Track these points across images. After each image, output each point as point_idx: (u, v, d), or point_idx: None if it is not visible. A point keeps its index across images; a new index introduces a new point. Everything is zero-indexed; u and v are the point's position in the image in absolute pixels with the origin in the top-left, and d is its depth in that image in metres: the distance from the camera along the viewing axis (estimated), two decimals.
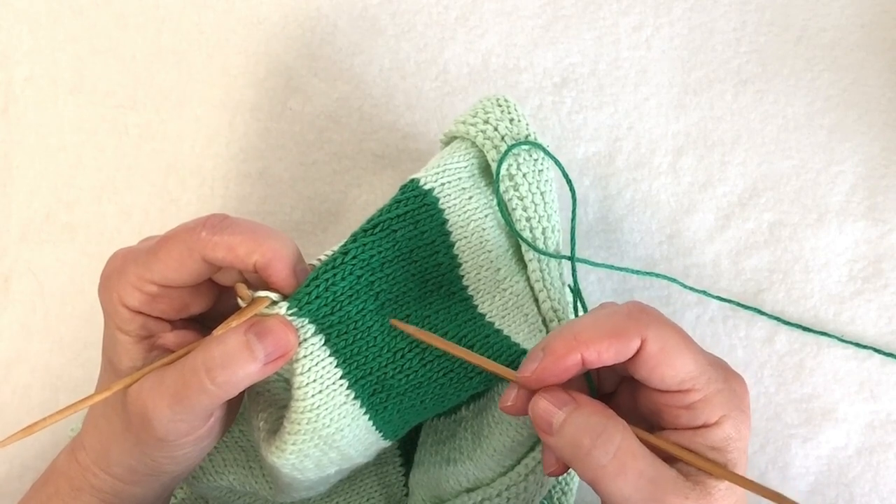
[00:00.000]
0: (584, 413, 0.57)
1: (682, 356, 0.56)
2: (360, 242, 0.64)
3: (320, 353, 0.62)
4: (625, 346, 0.56)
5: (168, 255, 0.60)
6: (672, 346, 0.56)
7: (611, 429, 0.56)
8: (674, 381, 0.56)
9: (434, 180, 0.70)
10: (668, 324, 0.58)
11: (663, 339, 0.56)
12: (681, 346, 0.56)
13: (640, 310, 0.58)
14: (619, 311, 0.58)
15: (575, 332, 0.57)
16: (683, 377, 0.56)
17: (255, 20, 0.95)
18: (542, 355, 0.58)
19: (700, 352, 0.58)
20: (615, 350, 0.57)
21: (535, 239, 0.73)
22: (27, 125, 0.95)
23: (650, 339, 0.56)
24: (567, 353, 0.57)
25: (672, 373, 0.56)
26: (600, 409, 0.58)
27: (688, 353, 0.56)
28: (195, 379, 0.58)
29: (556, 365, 0.58)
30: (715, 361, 0.59)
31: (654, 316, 0.58)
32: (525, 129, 0.74)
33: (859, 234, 0.87)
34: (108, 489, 0.67)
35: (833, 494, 0.85)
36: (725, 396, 0.56)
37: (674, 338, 0.57)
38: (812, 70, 0.91)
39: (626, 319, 0.57)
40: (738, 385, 0.58)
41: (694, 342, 0.58)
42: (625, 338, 0.56)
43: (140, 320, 0.62)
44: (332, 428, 0.64)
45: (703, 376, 0.56)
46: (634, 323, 0.56)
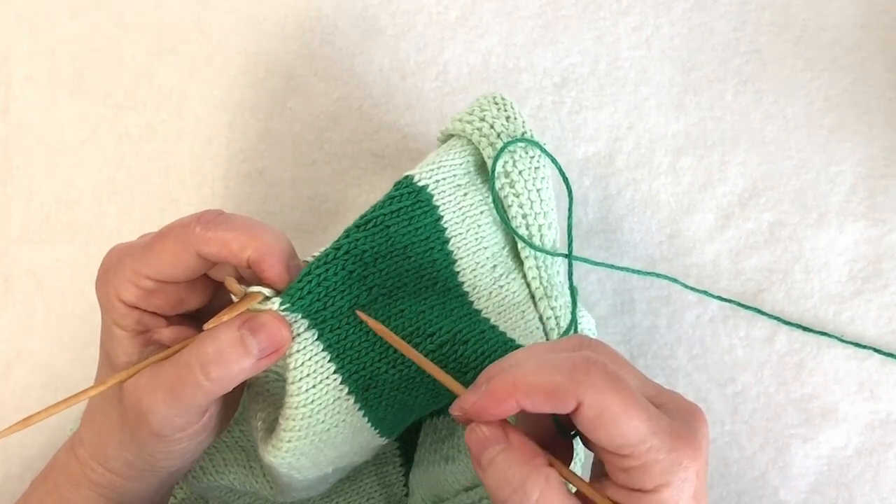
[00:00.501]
0: (510, 460, 0.56)
1: (620, 425, 0.53)
2: (353, 238, 0.64)
3: (314, 347, 0.63)
4: (559, 405, 0.54)
5: (163, 250, 0.60)
6: (610, 414, 0.53)
7: (529, 483, 0.55)
8: (610, 446, 0.54)
9: (429, 177, 0.70)
10: (612, 387, 0.54)
11: (601, 407, 0.53)
12: (620, 414, 0.53)
13: (585, 368, 0.54)
14: (563, 366, 0.55)
15: (515, 378, 0.55)
16: (620, 443, 0.54)
17: (255, 20, 0.95)
18: (482, 391, 0.57)
19: (647, 417, 0.54)
20: (550, 406, 0.55)
21: (532, 236, 0.73)
22: (27, 125, 0.95)
23: (586, 405, 0.53)
24: (504, 399, 0.55)
25: (607, 438, 0.54)
26: (527, 458, 0.56)
27: (627, 421, 0.53)
28: (189, 374, 0.58)
29: (493, 406, 0.56)
30: (663, 429, 0.55)
31: (598, 377, 0.54)
32: (521, 127, 0.74)
33: (859, 234, 0.87)
34: (106, 484, 0.68)
35: (833, 494, 0.85)
36: (666, 466, 0.54)
37: (614, 405, 0.53)
38: (812, 70, 0.91)
39: (566, 378, 0.54)
40: (687, 452, 0.55)
41: (641, 405, 0.54)
42: (560, 399, 0.54)
43: (136, 315, 0.63)
44: (326, 424, 0.64)
45: (643, 445, 0.53)
46: (574, 385, 0.54)
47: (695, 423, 0.57)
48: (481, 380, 0.58)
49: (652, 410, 0.55)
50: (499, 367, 0.58)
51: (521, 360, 0.57)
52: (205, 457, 0.79)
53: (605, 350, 0.59)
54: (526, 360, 0.57)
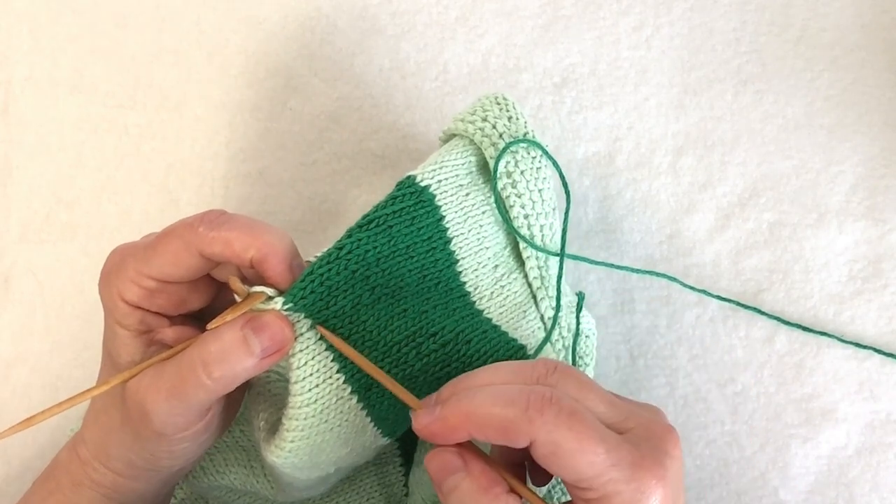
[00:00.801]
0: (468, 490, 0.56)
1: (576, 461, 0.53)
2: (355, 238, 0.64)
3: (316, 347, 0.63)
4: (512, 441, 0.54)
5: (166, 250, 0.60)
6: (563, 451, 0.53)
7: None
8: (569, 480, 0.54)
9: (431, 177, 0.70)
10: (565, 423, 0.54)
11: (554, 444, 0.53)
12: (574, 450, 0.53)
13: (539, 406, 0.54)
14: (517, 400, 0.55)
15: (469, 409, 0.56)
16: (577, 478, 0.54)
17: (255, 20, 0.95)
18: (435, 416, 0.57)
19: (604, 450, 0.54)
20: (503, 441, 0.55)
21: (533, 236, 0.73)
22: (27, 125, 0.95)
23: (539, 443, 0.54)
24: (456, 428, 0.56)
25: (564, 473, 0.54)
26: (486, 486, 0.56)
27: (582, 456, 0.53)
28: (192, 374, 0.58)
29: (446, 434, 0.57)
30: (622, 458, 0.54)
31: (552, 414, 0.54)
32: (523, 128, 0.74)
33: (859, 234, 0.87)
34: (108, 483, 0.68)
35: (833, 494, 0.85)
36: (627, 496, 0.53)
37: (567, 442, 0.53)
38: (812, 70, 0.91)
39: (520, 415, 0.54)
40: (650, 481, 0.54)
41: (597, 438, 0.54)
42: (513, 435, 0.54)
43: (139, 315, 0.63)
44: (329, 423, 0.64)
45: (601, 478, 0.53)
46: (527, 423, 0.53)
47: (662, 447, 0.56)
48: (435, 398, 0.58)
49: (611, 442, 0.54)
50: (455, 388, 0.58)
51: (480, 387, 0.57)
52: (205, 457, 0.79)
53: (571, 376, 0.59)
54: (484, 388, 0.57)
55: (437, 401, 0.58)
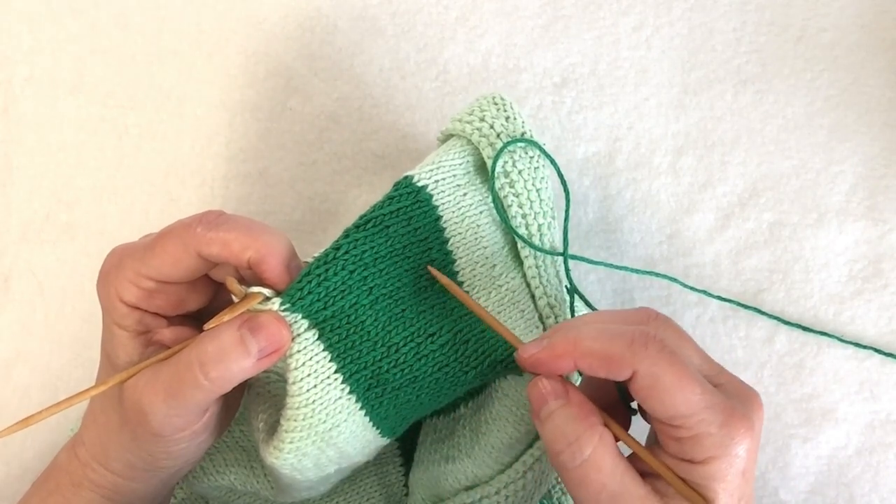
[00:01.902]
0: (566, 415, 0.58)
1: (673, 396, 0.55)
2: (353, 238, 0.64)
3: (314, 347, 0.63)
4: (615, 372, 0.57)
5: (164, 250, 0.61)
6: (663, 385, 0.55)
7: (583, 439, 0.57)
8: (663, 416, 0.56)
9: (428, 177, 0.70)
10: (667, 359, 0.56)
11: (654, 377, 0.55)
12: (673, 385, 0.55)
13: (643, 340, 0.57)
14: (623, 335, 0.57)
15: (577, 337, 0.58)
16: (672, 414, 0.55)
17: (255, 20, 0.95)
18: (543, 346, 0.59)
19: (700, 391, 0.56)
20: (605, 371, 0.57)
21: (531, 236, 0.73)
22: (27, 125, 0.95)
23: (640, 375, 0.56)
24: (562, 356, 0.58)
25: (660, 409, 0.56)
26: (584, 414, 0.58)
27: (680, 393, 0.55)
28: (189, 374, 0.58)
29: (551, 362, 0.59)
30: (716, 403, 0.56)
31: (654, 350, 0.56)
32: (521, 127, 0.74)
33: (859, 234, 0.87)
34: (107, 485, 0.68)
35: (833, 494, 0.85)
36: (717, 440, 0.55)
37: (667, 376, 0.55)
38: (812, 70, 0.91)
39: (624, 347, 0.56)
40: (740, 429, 0.56)
41: (695, 380, 0.56)
42: (616, 365, 0.56)
43: (137, 315, 0.63)
44: (328, 423, 0.64)
45: (695, 417, 0.55)
46: (630, 354, 0.56)
47: (751, 405, 0.58)
48: (544, 336, 0.60)
49: (707, 386, 0.56)
50: (564, 326, 0.60)
51: (587, 323, 0.60)
52: (205, 457, 0.79)
53: (671, 326, 0.61)
54: (590, 324, 0.59)
55: (545, 336, 0.60)
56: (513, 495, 0.70)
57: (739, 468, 0.56)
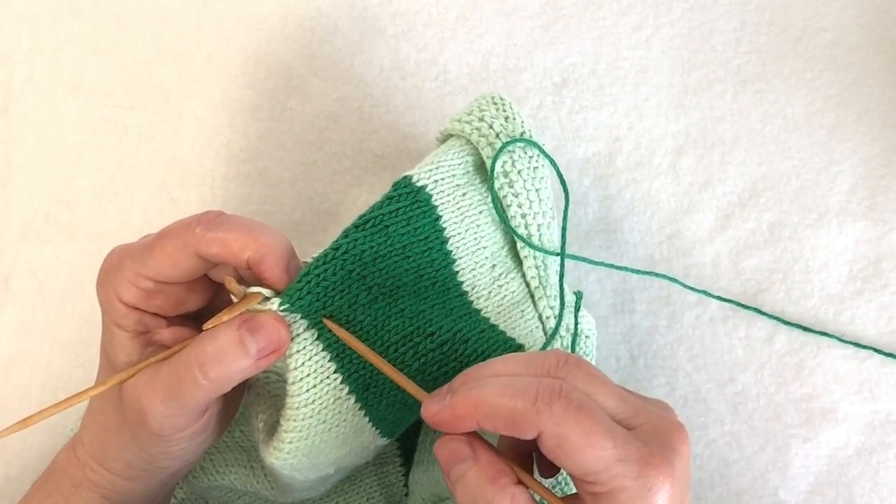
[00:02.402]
0: (475, 479, 0.56)
1: (583, 454, 0.53)
2: (352, 238, 0.64)
3: (313, 347, 0.63)
4: (519, 432, 0.55)
5: (163, 250, 0.61)
6: (570, 444, 0.53)
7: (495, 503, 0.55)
8: (575, 473, 0.54)
9: (427, 177, 0.70)
10: (573, 416, 0.53)
11: (560, 437, 0.53)
12: (581, 443, 0.53)
13: (548, 398, 0.54)
14: (527, 392, 0.55)
15: (478, 399, 0.56)
16: (584, 472, 0.53)
17: (255, 20, 0.95)
18: (445, 403, 0.57)
19: (612, 445, 0.53)
20: (510, 432, 0.55)
21: (531, 236, 0.73)
22: (27, 125, 0.95)
23: (545, 435, 0.54)
24: (464, 416, 0.56)
25: (571, 467, 0.54)
26: (492, 476, 0.56)
27: (589, 450, 0.53)
28: (188, 374, 0.58)
29: (453, 422, 0.57)
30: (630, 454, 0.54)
31: (560, 407, 0.54)
32: (520, 127, 0.74)
33: (859, 234, 0.87)
34: (107, 485, 0.68)
35: (833, 494, 0.85)
36: (633, 492, 0.53)
37: (573, 434, 0.53)
38: (812, 70, 0.91)
39: (528, 406, 0.54)
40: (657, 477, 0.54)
41: (606, 434, 0.54)
42: (520, 426, 0.54)
43: (136, 316, 0.63)
44: (327, 423, 0.64)
45: (608, 473, 0.53)
46: (535, 414, 0.53)
47: (671, 444, 0.56)
48: (447, 388, 0.58)
49: (619, 437, 0.54)
50: (467, 378, 0.58)
51: (490, 380, 0.57)
52: (205, 457, 0.79)
53: (582, 369, 0.58)
54: (492, 382, 0.57)
55: (448, 390, 0.58)
56: None
57: None
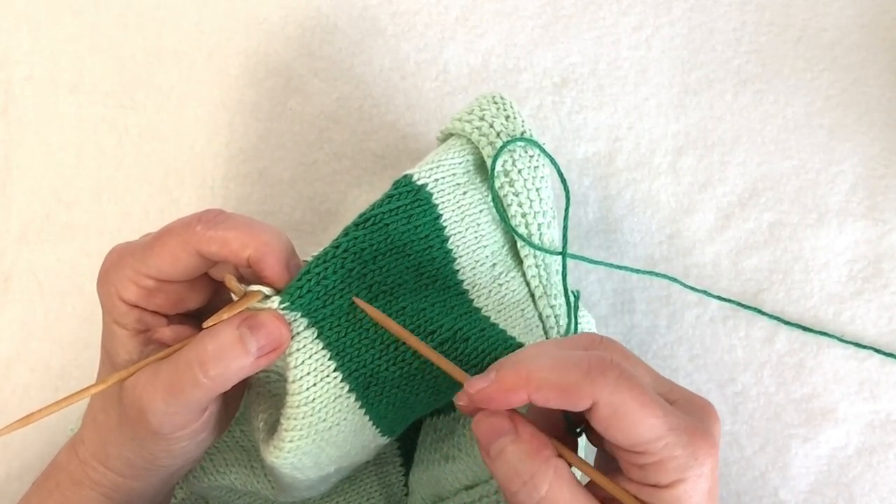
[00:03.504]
0: (518, 452, 0.56)
1: (636, 423, 0.53)
2: (352, 236, 0.64)
3: (313, 346, 0.63)
4: (573, 403, 0.54)
5: (163, 249, 0.61)
6: (626, 412, 0.53)
7: (538, 476, 0.55)
8: (626, 444, 0.54)
9: (428, 176, 0.70)
10: (626, 386, 0.54)
11: (615, 405, 0.53)
12: (636, 412, 0.53)
13: (601, 367, 0.54)
14: (579, 364, 0.55)
15: (529, 370, 0.55)
16: (636, 441, 0.54)
17: (255, 20, 0.95)
18: (492, 379, 0.57)
19: (663, 414, 0.54)
20: (562, 403, 0.55)
21: (531, 235, 0.73)
22: (27, 125, 0.95)
23: (601, 404, 0.53)
24: (514, 389, 0.56)
25: (623, 437, 0.54)
26: (536, 450, 0.56)
27: (643, 419, 0.53)
28: (188, 372, 0.58)
29: (501, 396, 0.56)
30: (679, 425, 0.54)
31: (614, 376, 0.54)
32: (521, 127, 0.74)
33: (859, 234, 0.87)
34: (107, 483, 0.68)
35: (833, 494, 0.85)
36: (682, 462, 0.54)
37: (629, 403, 0.53)
38: (812, 70, 0.91)
39: (582, 375, 0.54)
40: (703, 448, 0.55)
41: (657, 403, 0.54)
42: (574, 396, 0.54)
43: (136, 314, 0.63)
44: (328, 422, 0.64)
45: (660, 442, 0.53)
46: (589, 383, 0.53)
47: (708, 420, 0.57)
48: (491, 369, 0.58)
49: (667, 408, 0.55)
50: (511, 359, 0.58)
51: (535, 354, 0.57)
52: (206, 457, 0.79)
53: (618, 348, 0.59)
54: (540, 354, 0.57)
55: (493, 369, 0.57)
56: None
57: (705, 488, 0.55)
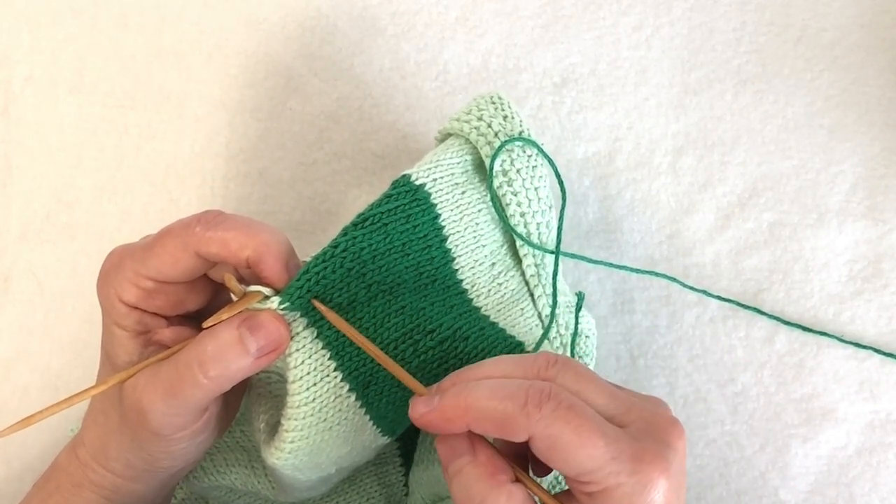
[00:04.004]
0: (474, 475, 0.56)
1: (573, 454, 0.53)
2: (351, 236, 0.64)
3: (313, 346, 0.63)
4: (510, 435, 0.55)
5: (163, 250, 0.61)
6: (562, 445, 0.53)
7: (490, 500, 0.55)
8: (569, 474, 0.54)
9: (426, 175, 0.70)
10: (563, 418, 0.54)
11: (552, 438, 0.53)
12: (573, 443, 0.53)
13: (537, 400, 0.54)
14: (516, 395, 0.55)
15: (468, 402, 0.56)
16: (578, 471, 0.53)
17: (255, 20, 0.95)
18: (433, 406, 0.57)
19: (604, 444, 0.53)
20: (500, 434, 0.55)
21: (530, 234, 0.73)
22: (27, 125, 0.95)
23: (536, 437, 0.54)
24: (454, 419, 0.57)
25: (564, 467, 0.54)
26: (490, 474, 0.56)
27: (581, 450, 0.53)
28: (188, 373, 0.58)
29: (443, 424, 0.57)
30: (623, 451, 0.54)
31: (550, 408, 0.54)
32: (519, 126, 0.74)
33: (859, 234, 0.87)
34: (108, 485, 0.68)
35: (833, 494, 0.85)
36: (628, 489, 0.53)
37: (566, 435, 0.53)
38: (812, 70, 0.91)
39: (518, 409, 0.54)
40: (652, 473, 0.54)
41: (598, 432, 0.54)
42: (510, 429, 0.54)
43: (136, 315, 0.63)
44: (328, 422, 0.64)
45: (602, 471, 0.53)
46: (524, 417, 0.54)
47: (665, 439, 0.56)
48: (435, 389, 0.59)
49: (611, 435, 0.54)
50: (456, 379, 0.59)
51: (479, 381, 0.57)
52: (206, 457, 0.79)
53: (571, 369, 0.59)
54: (483, 383, 0.57)
55: (437, 391, 0.58)
56: None
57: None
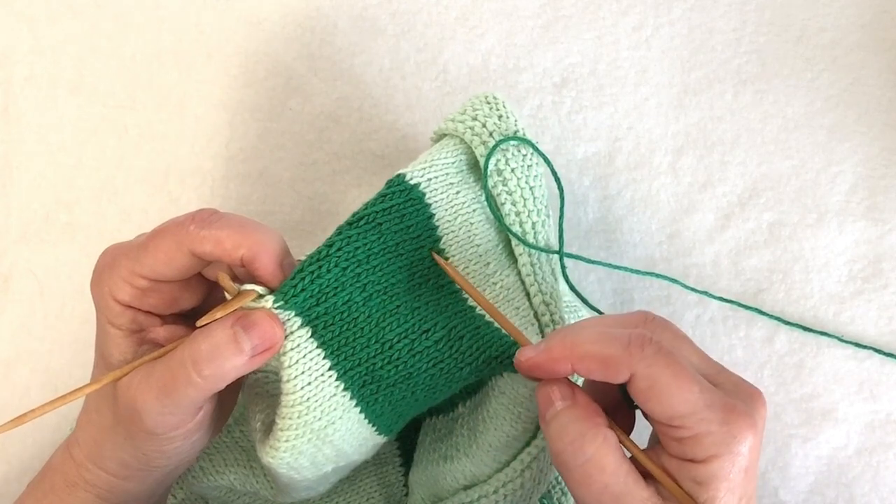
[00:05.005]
0: (570, 416, 0.58)
1: (671, 396, 0.55)
2: (345, 235, 0.64)
3: (307, 345, 0.62)
4: (613, 374, 0.57)
5: (157, 248, 0.61)
6: (660, 386, 0.55)
7: (586, 439, 0.57)
8: (662, 417, 0.56)
9: (421, 175, 0.70)
10: (663, 360, 0.56)
11: (651, 379, 0.55)
12: (671, 386, 0.55)
13: (640, 342, 0.57)
14: (620, 338, 0.57)
15: (575, 341, 0.58)
16: (671, 414, 0.55)
17: (255, 20, 0.95)
18: (541, 349, 0.60)
19: (699, 390, 0.56)
20: (603, 374, 0.57)
21: (525, 233, 0.73)
22: (27, 125, 0.95)
23: (638, 377, 0.56)
24: (559, 359, 0.59)
25: (659, 409, 0.56)
26: (588, 415, 0.58)
27: (679, 393, 0.55)
28: (182, 371, 0.58)
29: (548, 365, 0.59)
30: (715, 401, 0.56)
31: (652, 351, 0.56)
32: (513, 126, 0.74)
33: (859, 234, 0.87)
34: (102, 484, 0.68)
35: (833, 494, 0.84)
36: (718, 438, 0.55)
37: (664, 377, 0.55)
38: (812, 70, 0.91)
39: (621, 349, 0.56)
40: (741, 427, 0.56)
41: (694, 379, 0.56)
42: (613, 368, 0.56)
43: (130, 314, 0.63)
44: (323, 421, 0.64)
45: (695, 416, 0.55)
46: (627, 356, 0.56)
47: (753, 403, 0.58)
48: (543, 340, 0.61)
49: (705, 385, 0.56)
50: (562, 330, 0.61)
51: (583, 328, 0.60)
52: (205, 457, 0.79)
53: (669, 328, 0.61)
54: (588, 328, 0.59)
55: (542, 342, 0.60)
56: (511, 494, 0.70)
57: (742, 466, 0.56)
